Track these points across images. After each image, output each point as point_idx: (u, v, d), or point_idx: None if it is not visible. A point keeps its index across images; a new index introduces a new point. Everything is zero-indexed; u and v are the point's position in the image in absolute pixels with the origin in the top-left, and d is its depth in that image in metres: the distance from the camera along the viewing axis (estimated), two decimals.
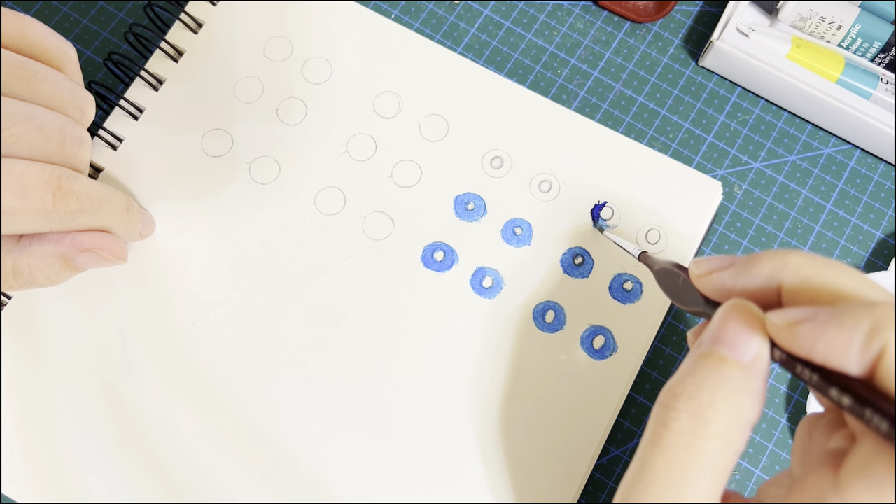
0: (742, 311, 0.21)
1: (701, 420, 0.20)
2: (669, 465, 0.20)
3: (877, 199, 0.36)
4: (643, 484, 0.20)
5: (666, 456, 0.20)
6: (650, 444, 0.20)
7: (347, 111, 0.35)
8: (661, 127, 0.37)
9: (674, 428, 0.20)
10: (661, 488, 0.20)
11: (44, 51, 0.27)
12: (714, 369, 0.20)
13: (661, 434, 0.20)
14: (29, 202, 0.24)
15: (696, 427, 0.20)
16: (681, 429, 0.20)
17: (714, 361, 0.20)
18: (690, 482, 0.20)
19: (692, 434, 0.20)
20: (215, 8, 0.35)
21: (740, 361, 0.20)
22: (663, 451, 0.20)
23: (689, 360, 0.21)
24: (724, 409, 0.20)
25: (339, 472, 0.30)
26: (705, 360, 0.20)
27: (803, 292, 0.20)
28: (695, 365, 0.21)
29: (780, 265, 0.21)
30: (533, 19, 0.38)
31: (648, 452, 0.20)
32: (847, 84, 0.35)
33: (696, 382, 0.20)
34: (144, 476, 0.30)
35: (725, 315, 0.21)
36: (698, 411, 0.20)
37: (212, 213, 0.33)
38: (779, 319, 0.20)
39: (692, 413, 0.20)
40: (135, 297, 0.32)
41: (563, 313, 0.32)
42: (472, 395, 0.31)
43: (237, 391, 0.31)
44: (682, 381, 0.21)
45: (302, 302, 0.32)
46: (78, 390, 0.31)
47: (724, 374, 0.20)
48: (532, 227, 0.33)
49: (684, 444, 0.20)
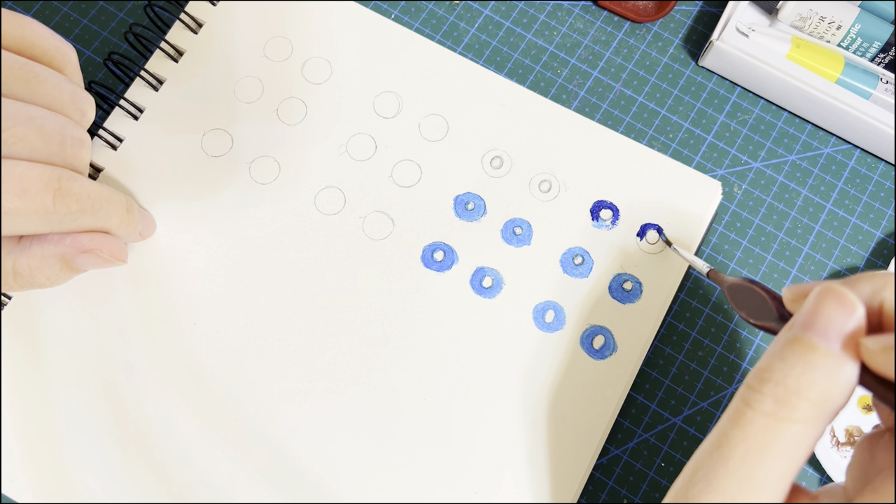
0: (835, 295, 0.20)
1: (786, 406, 0.19)
2: (747, 441, 0.20)
3: (877, 199, 0.37)
4: (719, 455, 0.20)
5: (745, 432, 0.20)
6: (731, 421, 0.20)
7: (347, 111, 0.35)
8: (661, 127, 0.37)
9: (757, 409, 0.20)
10: (737, 462, 0.20)
11: (44, 52, 0.27)
12: (803, 357, 0.20)
13: (743, 412, 0.20)
14: (29, 203, 0.24)
15: (779, 411, 0.20)
16: (764, 410, 0.20)
17: (804, 348, 0.20)
18: (767, 461, 0.20)
19: (775, 417, 0.20)
20: (215, 8, 0.35)
21: (830, 350, 0.20)
22: (743, 428, 0.20)
23: (780, 343, 0.21)
24: (811, 398, 0.19)
25: (339, 471, 0.30)
26: (795, 346, 0.20)
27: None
28: (784, 350, 0.20)
29: (882, 283, 0.20)
30: (533, 19, 0.38)
31: (728, 427, 0.20)
32: (847, 84, 0.35)
33: (785, 369, 0.20)
34: (144, 476, 0.30)
35: (818, 300, 0.20)
36: (784, 398, 0.20)
37: (212, 213, 0.33)
38: (874, 344, 0.19)
39: (777, 399, 0.20)
40: (135, 297, 0.32)
41: (563, 313, 0.32)
42: (472, 395, 0.31)
43: (237, 391, 0.31)
44: (769, 365, 0.20)
45: (302, 302, 0.32)
46: (78, 390, 0.31)
47: (812, 362, 0.20)
48: (532, 227, 0.33)
49: (765, 424, 0.20)
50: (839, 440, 0.32)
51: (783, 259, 0.35)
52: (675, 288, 0.33)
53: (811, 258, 0.36)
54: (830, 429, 0.32)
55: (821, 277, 0.35)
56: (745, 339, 0.34)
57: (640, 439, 0.33)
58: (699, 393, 0.34)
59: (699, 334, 0.34)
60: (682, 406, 0.33)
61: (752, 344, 0.34)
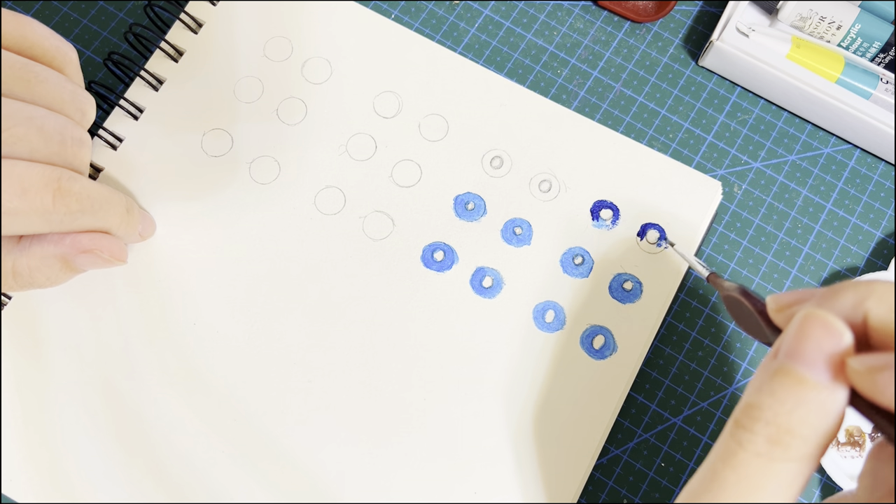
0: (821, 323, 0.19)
1: (779, 446, 0.19)
2: (741, 482, 0.19)
3: (877, 199, 0.37)
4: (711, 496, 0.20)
5: (738, 473, 0.19)
6: (722, 459, 0.20)
7: (347, 111, 0.35)
8: (661, 127, 0.37)
9: (749, 449, 0.19)
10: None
11: (44, 52, 0.27)
12: (793, 392, 0.19)
13: (735, 451, 0.20)
14: (29, 203, 0.24)
15: (773, 451, 0.19)
16: (757, 451, 0.19)
17: (793, 382, 0.19)
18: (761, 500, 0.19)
19: (768, 457, 0.19)
20: (215, 8, 0.35)
21: (820, 383, 0.19)
22: (735, 469, 0.19)
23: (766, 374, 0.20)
24: (804, 435, 0.19)
25: (339, 471, 0.30)
26: (784, 380, 0.19)
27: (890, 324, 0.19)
28: (773, 384, 0.19)
29: (864, 294, 0.20)
30: (533, 19, 0.38)
31: (720, 467, 0.20)
32: (847, 84, 0.35)
33: (775, 406, 0.19)
34: (144, 476, 0.30)
35: (802, 327, 0.20)
36: (776, 437, 0.19)
37: (212, 213, 0.33)
38: (859, 366, 0.18)
39: (769, 438, 0.19)
40: (135, 297, 0.32)
41: (563, 313, 0.32)
42: (472, 395, 0.31)
43: (237, 391, 0.31)
44: (759, 402, 0.20)
45: (302, 302, 0.32)
46: (78, 390, 0.31)
47: (803, 397, 0.19)
48: (532, 227, 0.33)
49: (759, 465, 0.19)
50: (839, 440, 0.32)
51: (783, 259, 0.35)
52: (675, 288, 0.33)
53: (811, 258, 0.36)
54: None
55: (821, 277, 0.35)
56: (745, 339, 0.34)
57: (640, 439, 0.33)
58: (699, 393, 0.34)
59: (699, 334, 0.34)
60: (682, 406, 0.33)
61: (752, 344, 0.34)
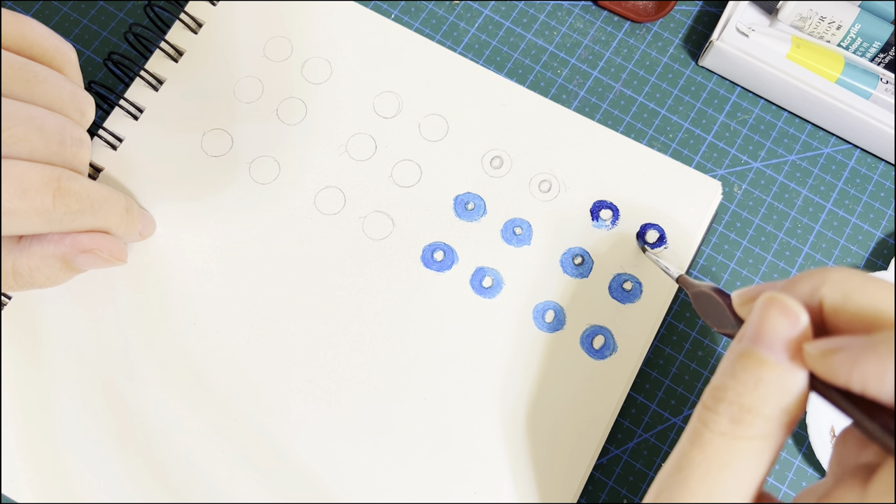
0: (778, 305, 0.20)
1: (741, 425, 0.20)
2: (707, 461, 0.20)
3: (877, 199, 0.37)
4: (680, 476, 0.20)
5: (705, 453, 0.20)
6: (689, 441, 0.21)
7: (347, 111, 0.35)
8: (661, 127, 0.37)
9: (714, 429, 0.20)
10: (698, 482, 0.20)
11: (44, 52, 0.27)
12: (754, 372, 0.20)
13: (700, 432, 0.20)
14: (29, 203, 0.24)
15: (735, 430, 0.20)
16: (720, 430, 0.20)
17: (754, 363, 0.20)
18: (727, 478, 0.20)
19: (731, 435, 0.20)
20: (215, 8, 0.35)
21: (779, 363, 0.20)
22: (702, 448, 0.20)
23: (731, 358, 0.21)
24: (765, 413, 0.20)
25: (340, 471, 0.30)
26: (745, 362, 0.20)
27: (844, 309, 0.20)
28: (735, 366, 0.21)
29: (819, 281, 0.21)
30: (533, 19, 0.38)
31: (688, 448, 0.21)
32: (847, 84, 0.35)
33: (737, 387, 0.20)
34: (145, 476, 0.30)
35: (762, 311, 0.21)
36: (739, 416, 0.20)
37: (212, 213, 0.33)
38: (813, 349, 0.20)
39: (732, 418, 0.20)
40: (135, 297, 0.32)
41: (563, 313, 0.32)
42: (472, 395, 0.31)
43: (237, 391, 0.31)
44: (723, 383, 0.21)
45: (302, 301, 0.32)
46: (78, 390, 0.31)
47: (763, 377, 0.20)
48: (532, 227, 0.33)
49: (723, 444, 0.20)
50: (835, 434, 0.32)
51: (783, 259, 0.35)
52: (675, 288, 0.33)
53: (811, 258, 0.36)
54: (830, 427, 0.32)
55: None
56: None
57: (640, 439, 0.33)
58: (699, 393, 0.33)
59: (699, 334, 0.34)
60: (682, 406, 0.33)
61: None
